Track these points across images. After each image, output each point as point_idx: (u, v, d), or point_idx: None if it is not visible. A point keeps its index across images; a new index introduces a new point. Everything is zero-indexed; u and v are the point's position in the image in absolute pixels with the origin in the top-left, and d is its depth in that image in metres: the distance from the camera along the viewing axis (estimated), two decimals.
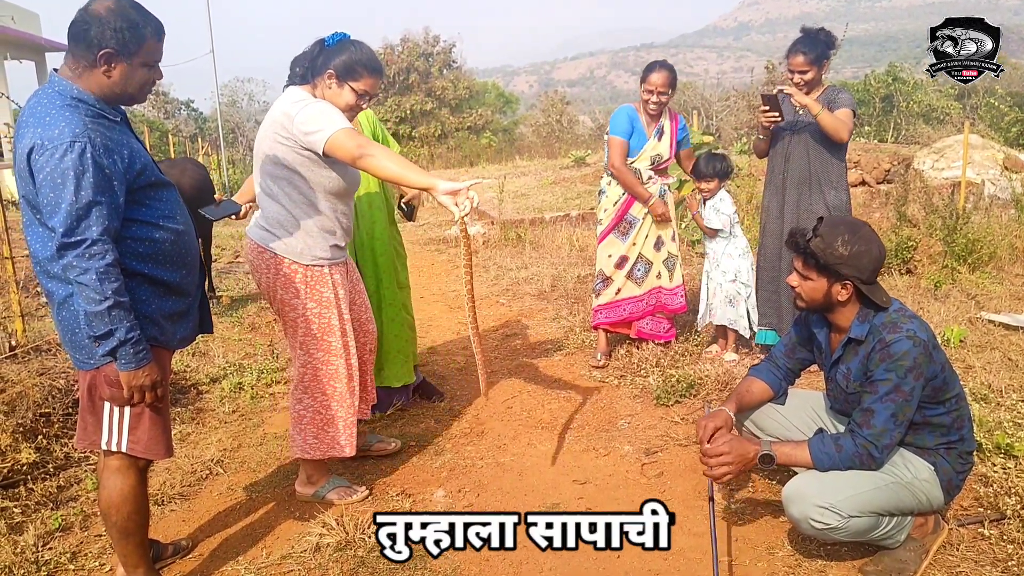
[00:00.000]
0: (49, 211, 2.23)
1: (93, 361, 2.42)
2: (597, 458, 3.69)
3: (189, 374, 4.99)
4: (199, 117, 37.29)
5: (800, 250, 2.67)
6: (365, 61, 3.07)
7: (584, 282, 7.24)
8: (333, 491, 3.38)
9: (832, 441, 2.60)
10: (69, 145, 2.21)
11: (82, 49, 2.31)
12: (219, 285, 8.22)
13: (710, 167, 4.82)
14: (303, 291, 3.14)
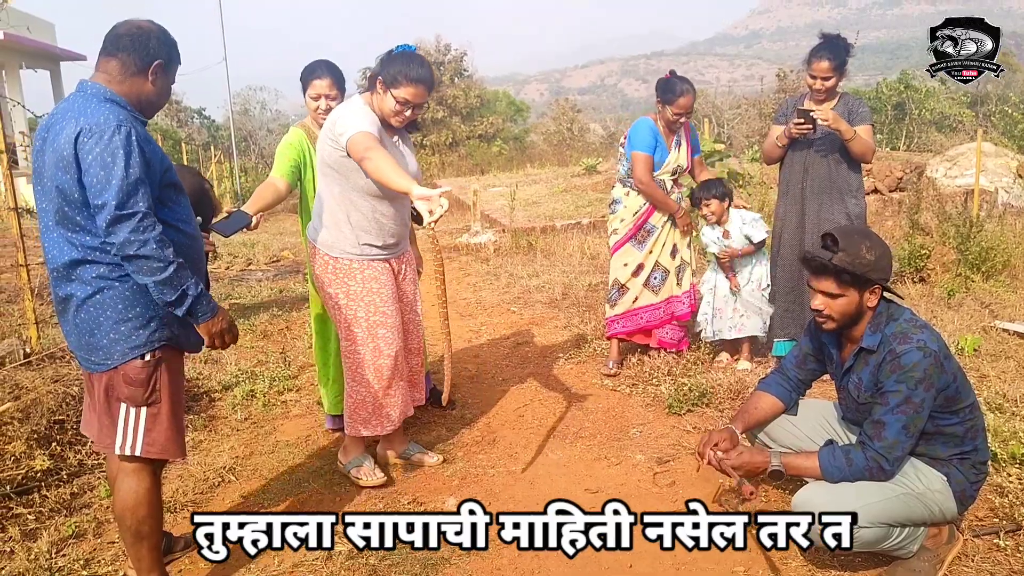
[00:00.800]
0: (99, 189, 2.32)
1: (111, 362, 2.48)
2: (609, 467, 3.69)
3: (202, 381, 5.01)
4: (211, 125, 37.52)
5: (829, 270, 2.61)
6: (407, 71, 3.22)
7: (596, 290, 7.23)
8: (358, 468, 3.62)
9: (843, 454, 2.59)
10: (116, 127, 2.34)
11: (136, 56, 2.50)
12: (231, 292, 8.26)
13: (707, 191, 4.77)
14: (332, 281, 3.42)
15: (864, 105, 4.38)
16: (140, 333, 2.48)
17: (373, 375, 3.46)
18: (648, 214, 4.75)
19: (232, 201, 20.68)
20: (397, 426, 3.63)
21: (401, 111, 3.29)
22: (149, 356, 2.50)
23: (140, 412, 2.54)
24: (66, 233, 2.42)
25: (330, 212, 3.39)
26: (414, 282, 3.70)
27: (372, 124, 3.19)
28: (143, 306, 2.48)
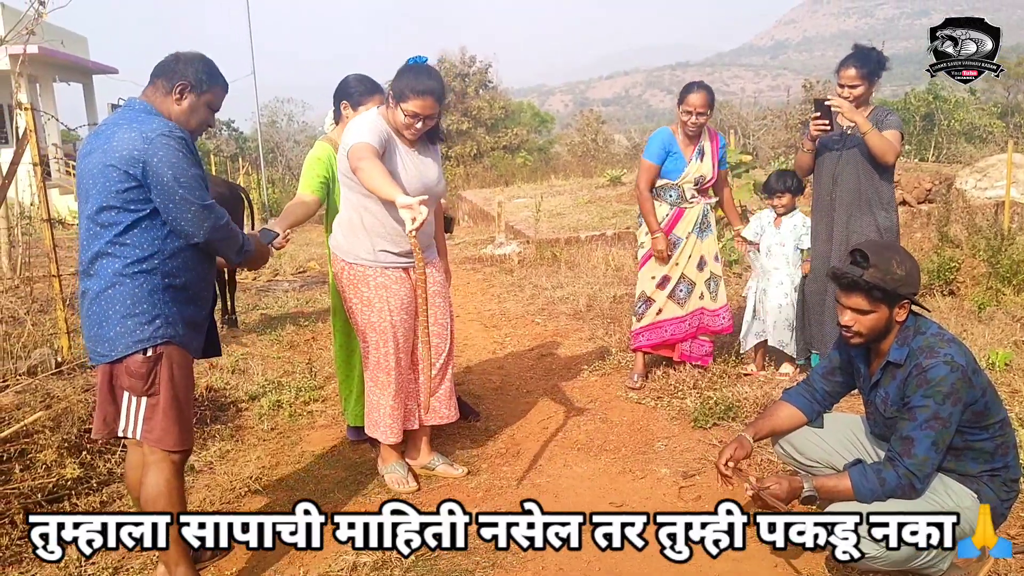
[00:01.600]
0: (174, 186, 2.58)
1: (114, 353, 2.65)
2: (634, 480, 3.67)
3: (229, 391, 5.06)
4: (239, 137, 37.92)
5: (860, 287, 2.58)
6: (413, 84, 3.26)
7: (620, 302, 7.21)
8: (391, 475, 3.74)
9: (874, 473, 2.56)
10: (170, 131, 2.62)
11: (164, 79, 2.75)
12: (258, 303, 8.33)
13: (781, 182, 4.80)
14: (347, 287, 3.55)
15: (894, 114, 4.35)
16: (144, 329, 2.65)
17: (383, 381, 3.58)
18: (672, 224, 4.73)
19: (260, 212, 20.87)
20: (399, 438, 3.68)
21: (412, 124, 3.33)
22: (151, 351, 2.67)
23: (140, 401, 2.71)
24: (99, 228, 2.63)
25: (347, 218, 3.51)
26: (439, 294, 3.70)
27: (374, 135, 3.25)
28: (149, 304, 2.66)
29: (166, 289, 2.69)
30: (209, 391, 4.95)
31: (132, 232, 2.62)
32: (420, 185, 3.42)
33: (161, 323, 2.68)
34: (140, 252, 2.64)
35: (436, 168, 3.57)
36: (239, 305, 7.90)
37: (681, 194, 4.71)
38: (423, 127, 3.37)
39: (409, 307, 3.55)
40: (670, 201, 4.73)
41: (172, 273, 2.70)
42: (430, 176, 3.51)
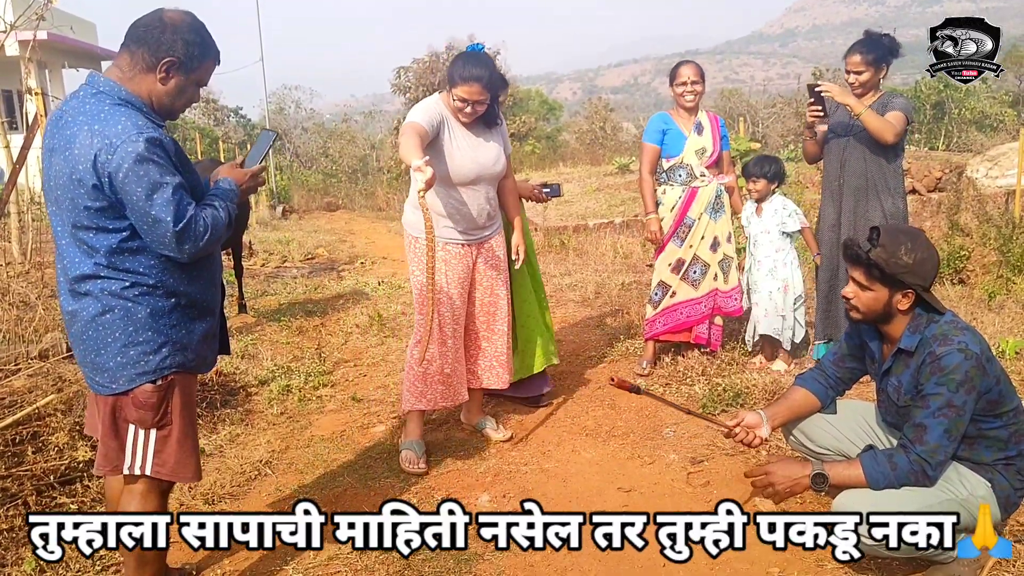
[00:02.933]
0: (145, 208, 2.20)
1: (116, 386, 2.35)
2: (642, 466, 3.68)
3: (238, 376, 5.08)
4: (247, 124, 37.91)
5: (862, 261, 2.61)
6: (461, 71, 3.51)
7: (629, 289, 7.21)
8: (406, 451, 3.80)
9: (886, 459, 2.55)
10: (139, 134, 2.20)
11: (146, 51, 2.29)
12: (267, 289, 8.35)
13: (758, 168, 4.78)
14: (411, 258, 3.79)
15: (901, 98, 4.33)
16: (150, 359, 2.35)
17: (432, 350, 3.73)
18: (685, 207, 4.73)
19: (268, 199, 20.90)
20: (452, 404, 3.94)
21: (462, 108, 3.58)
22: (160, 381, 2.37)
23: (150, 433, 2.41)
24: (81, 246, 2.29)
25: (413, 195, 3.68)
26: (496, 267, 3.90)
27: (426, 116, 3.51)
28: (154, 331, 2.35)
29: (172, 310, 2.38)
30: (219, 375, 4.97)
31: (121, 253, 2.29)
32: (474, 165, 3.67)
33: (169, 351, 2.37)
34: (135, 271, 2.31)
35: (494, 150, 3.78)
36: (247, 291, 7.92)
37: (690, 172, 4.70)
38: (473, 111, 3.60)
39: (464, 281, 3.80)
40: (680, 182, 4.73)
41: (175, 289, 2.37)
42: (486, 157, 3.73)
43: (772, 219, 4.77)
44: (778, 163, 4.83)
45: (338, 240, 13.20)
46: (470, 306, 3.90)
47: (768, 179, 4.77)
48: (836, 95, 4.18)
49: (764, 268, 4.82)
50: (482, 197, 3.75)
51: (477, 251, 3.83)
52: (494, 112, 3.76)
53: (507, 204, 4.03)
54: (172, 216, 2.21)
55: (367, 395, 4.78)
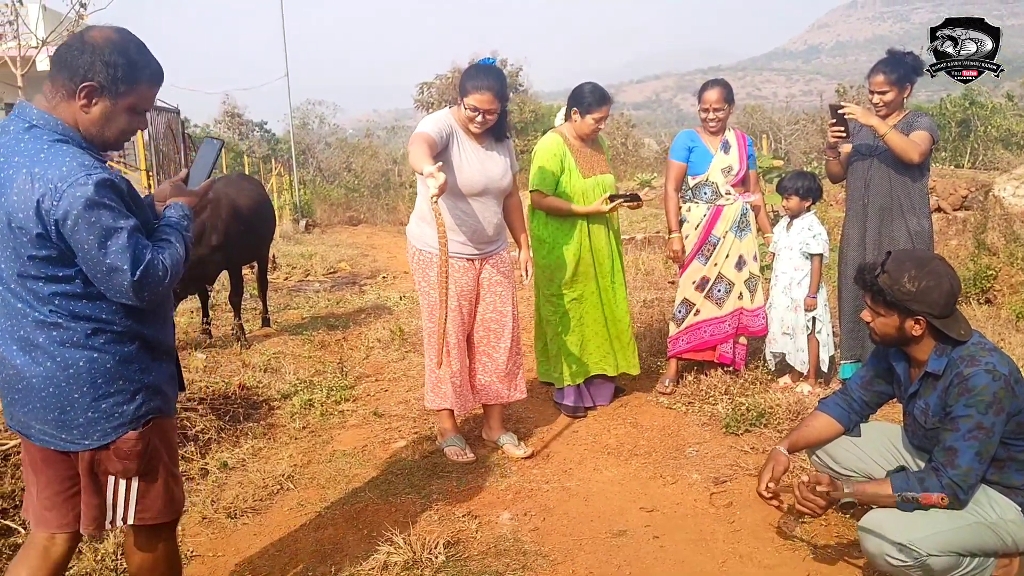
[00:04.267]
0: (98, 255, 1.97)
1: (89, 442, 2.12)
2: (664, 486, 3.66)
3: (261, 390, 5.10)
4: (271, 138, 38.24)
5: (868, 287, 2.65)
6: (474, 81, 3.62)
7: (650, 307, 7.18)
8: (449, 448, 4.01)
9: (917, 481, 2.52)
10: (84, 179, 1.95)
11: (64, 76, 2.03)
12: (289, 303, 8.40)
13: (792, 184, 4.75)
14: (416, 270, 3.91)
15: (926, 117, 4.30)
16: (126, 408, 2.13)
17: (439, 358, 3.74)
18: (710, 225, 4.72)
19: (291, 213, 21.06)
20: (464, 410, 4.07)
21: (473, 117, 3.67)
22: (142, 427, 2.17)
23: (132, 482, 2.20)
24: (30, 294, 2.04)
25: (420, 208, 3.83)
26: (501, 283, 3.96)
27: (434, 127, 3.60)
28: (126, 379, 2.13)
29: (139, 355, 2.16)
30: (242, 389, 5.00)
31: (79, 299, 2.05)
32: (482, 177, 3.76)
33: (144, 397, 2.16)
34: (98, 318, 2.08)
35: (502, 163, 3.87)
36: (270, 304, 7.97)
37: (715, 190, 4.70)
38: (484, 121, 3.68)
39: (469, 294, 3.89)
40: (706, 199, 4.72)
41: (139, 332, 2.15)
42: (493, 170, 3.81)
43: (797, 236, 4.74)
44: (811, 179, 4.80)
45: (360, 254, 13.26)
46: (474, 321, 4.00)
47: (800, 195, 4.73)
48: (860, 117, 4.16)
49: (780, 284, 4.79)
50: (488, 210, 3.84)
51: (482, 266, 3.92)
52: (503, 126, 3.86)
53: (513, 222, 4.12)
54: (129, 264, 1.98)
55: (388, 410, 4.79)
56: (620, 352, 4.61)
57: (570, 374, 4.51)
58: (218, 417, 4.46)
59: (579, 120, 4.38)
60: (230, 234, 6.05)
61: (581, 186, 4.42)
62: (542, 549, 3.13)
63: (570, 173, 4.42)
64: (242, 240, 6.24)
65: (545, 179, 4.38)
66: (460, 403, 4.01)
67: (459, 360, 3.94)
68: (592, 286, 4.50)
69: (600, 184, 4.47)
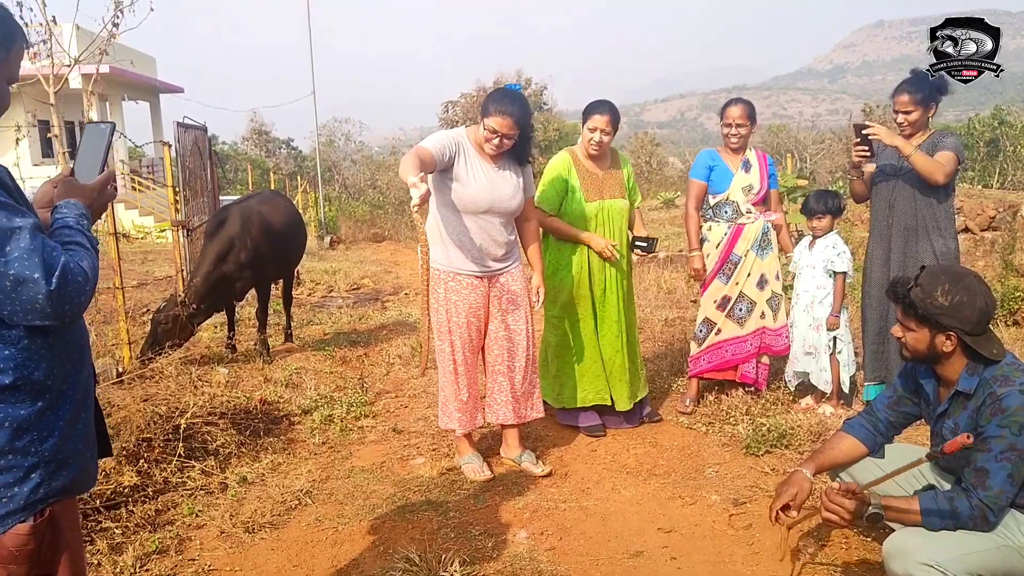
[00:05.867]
0: None
1: None
2: (683, 506, 3.63)
3: (282, 405, 5.13)
4: (298, 155, 38.66)
5: (900, 300, 2.61)
6: (497, 105, 3.65)
7: (672, 325, 7.16)
8: (467, 465, 4.02)
9: (947, 500, 2.47)
10: None
11: None
12: (312, 318, 8.45)
13: (821, 203, 4.69)
14: (430, 287, 3.71)
15: (952, 136, 4.25)
16: (16, 492, 1.67)
17: (451, 376, 3.95)
18: (731, 244, 4.70)
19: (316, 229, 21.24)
20: (472, 428, 4.07)
21: (491, 139, 3.69)
22: (37, 518, 1.70)
23: None
24: None
25: (433, 226, 3.85)
26: (513, 302, 3.96)
27: (438, 142, 3.64)
28: (18, 452, 1.67)
29: (40, 416, 1.69)
30: (263, 404, 5.03)
31: None
32: (488, 195, 3.76)
33: (42, 475, 1.69)
34: None
35: (512, 185, 3.86)
36: (294, 321, 8.02)
37: (736, 209, 4.68)
38: (500, 144, 3.70)
39: (478, 312, 3.90)
40: (726, 218, 4.71)
41: (41, 384, 1.69)
42: (502, 190, 3.81)
43: (821, 255, 4.69)
44: (838, 197, 4.77)
45: (383, 271, 13.34)
46: (486, 339, 4.01)
47: (833, 214, 4.70)
48: (884, 138, 4.13)
49: (802, 303, 4.75)
50: (495, 229, 3.84)
51: (490, 284, 3.93)
52: (526, 151, 3.88)
53: (529, 247, 4.12)
54: (41, 271, 1.57)
55: (407, 427, 4.80)
56: (614, 386, 4.50)
57: (567, 397, 4.52)
58: (239, 432, 4.48)
59: (583, 133, 4.40)
60: (260, 251, 6.08)
61: (583, 210, 4.35)
62: (558, 569, 3.11)
63: (573, 194, 4.37)
64: (272, 257, 6.27)
65: (547, 198, 4.35)
66: (467, 420, 4.01)
67: (467, 377, 3.95)
68: (588, 316, 4.45)
69: (607, 210, 4.38)
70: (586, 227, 4.36)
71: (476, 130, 3.78)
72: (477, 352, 4.00)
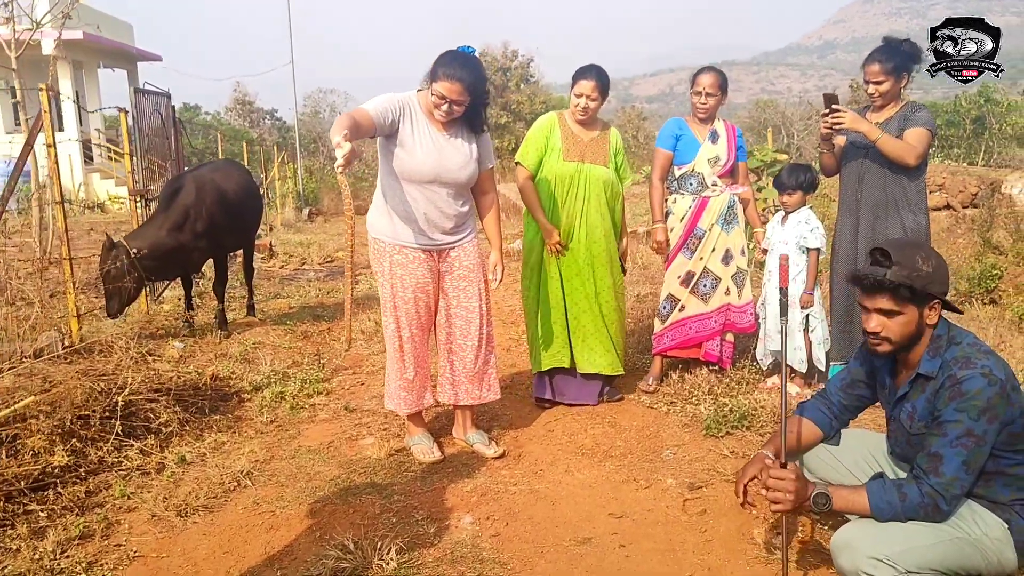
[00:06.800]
0: None
1: None
2: (637, 490, 3.48)
3: (234, 381, 4.95)
4: (282, 126, 38.13)
5: (885, 287, 2.37)
6: (445, 68, 3.38)
7: (643, 301, 7.01)
8: (416, 446, 3.86)
9: (895, 488, 2.33)
10: None
11: None
12: (280, 291, 8.26)
13: (793, 178, 4.52)
14: (371, 258, 3.75)
15: (924, 110, 4.07)
16: None
17: (395, 355, 3.76)
18: (695, 218, 4.53)
19: (295, 202, 20.94)
20: (416, 409, 3.87)
21: (439, 104, 3.44)
22: None
23: None
24: None
25: (377, 194, 3.68)
26: (465, 277, 3.75)
27: (382, 104, 3.40)
28: None
29: None
30: (214, 380, 4.86)
31: None
32: (434, 164, 3.52)
33: None
34: None
35: (464, 155, 3.61)
36: (260, 294, 7.84)
37: (701, 181, 4.51)
38: (450, 111, 3.46)
39: (425, 287, 3.68)
40: (691, 190, 4.53)
41: None
42: (451, 160, 3.57)
43: (793, 230, 4.53)
44: (810, 171, 4.59)
45: (360, 243, 13.02)
46: (437, 317, 3.83)
47: (804, 190, 4.53)
48: (849, 124, 3.96)
49: (774, 280, 4.59)
50: (443, 201, 3.62)
51: (440, 259, 3.73)
52: (480, 119, 3.64)
53: (487, 222, 3.93)
54: None
55: (361, 405, 4.63)
56: (576, 347, 4.38)
57: (534, 360, 4.45)
58: (184, 409, 4.31)
59: (571, 99, 4.24)
60: (216, 221, 5.92)
61: (559, 169, 4.24)
62: (500, 556, 2.96)
63: (551, 152, 4.27)
64: (228, 227, 6.10)
65: (526, 154, 4.27)
66: (413, 400, 3.83)
67: (413, 355, 3.75)
68: (556, 276, 4.33)
69: (585, 174, 4.25)
70: (563, 188, 4.25)
71: (427, 94, 3.52)
72: (426, 329, 3.81)
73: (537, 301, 4.38)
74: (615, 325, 4.43)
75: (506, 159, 28.03)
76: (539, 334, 4.37)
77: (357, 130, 3.21)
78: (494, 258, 3.88)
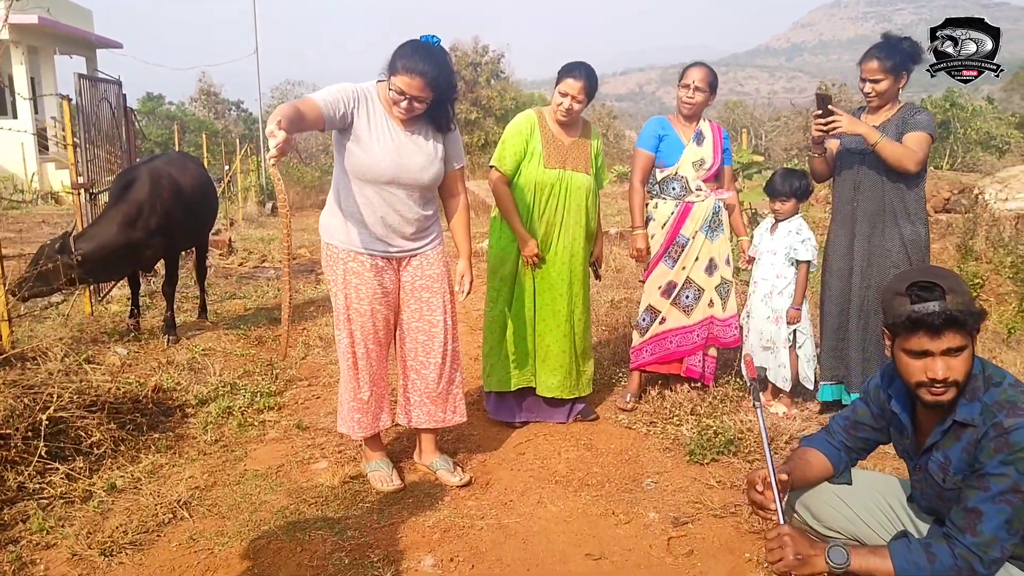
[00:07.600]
0: None
1: None
2: (617, 526, 3.17)
3: (178, 393, 4.56)
4: (248, 118, 37.37)
5: (956, 321, 1.97)
6: (405, 61, 3.05)
7: (618, 307, 6.71)
8: (374, 473, 3.53)
9: (922, 548, 2.01)
10: None
11: None
12: (236, 291, 7.84)
13: (787, 184, 4.23)
14: (324, 265, 3.42)
15: (923, 113, 3.82)
16: None
17: (348, 373, 3.43)
18: (678, 224, 4.23)
19: (257, 195, 20.38)
20: (372, 433, 3.53)
21: (397, 101, 3.12)
22: None
23: None
24: None
25: (331, 194, 3.37)
26: (428, 288, 3.43)
27: (332, 94, 3.08)
28: None
29: None
30: (156, 392, 4.46)
31: None
32: (393, 164, 3.20)
33: None
34: None
35: (426, 155, 3.28)
36: (215, 293, 7.43)
37: (685, 185, 4.21)
38: (410, 108, 3.13)
39: (383, 298, 3.36)
40: (674, 195, 4.24)
41: None
42: (411, 160, 3.24)
43: (783, 240, 4.25)
44: (806, 178, 4.30)
45: None
46: (397, 331, 3.51)
47: (798, 197, 4.25)
48: (847, 126, 3.68)
49: (760, 291, 4.30)
50: (403, 204, 3.28)
51: (400, 268, 3.40)
52: (446, 117, 3.30)
53: (454, 228, 3.58)
54: None
55: (315, 422, 4.26)
56: (540, 368, 4.10)
57: (496, 380, 4.14)
58: (120, 427, 3.92)
59: (554, 96, 3.92)
60: (172, 217, 5.54)
61: (540, 176, 3.93)
62: None
63: (531, 157, 3.95)
64: (184, 223, 5.73)
65: (504, 158, 3.94)
66: (367, 423, 3.49)
67: (368, 373, 3.41)
68: (529, 293, 4.05)
69: (566, 182, 3.94)
70: (542, 196, 3.95)
71: (385, 88, 3.19)
72: (384, 345, 3.46)
73: (506, 315, 4.06)
74: (583, 344, 4.15)
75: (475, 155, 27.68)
76: (510, 351, 4.05)
77: (300, 121, 2.87)
78: (462, 267, 3.55)
